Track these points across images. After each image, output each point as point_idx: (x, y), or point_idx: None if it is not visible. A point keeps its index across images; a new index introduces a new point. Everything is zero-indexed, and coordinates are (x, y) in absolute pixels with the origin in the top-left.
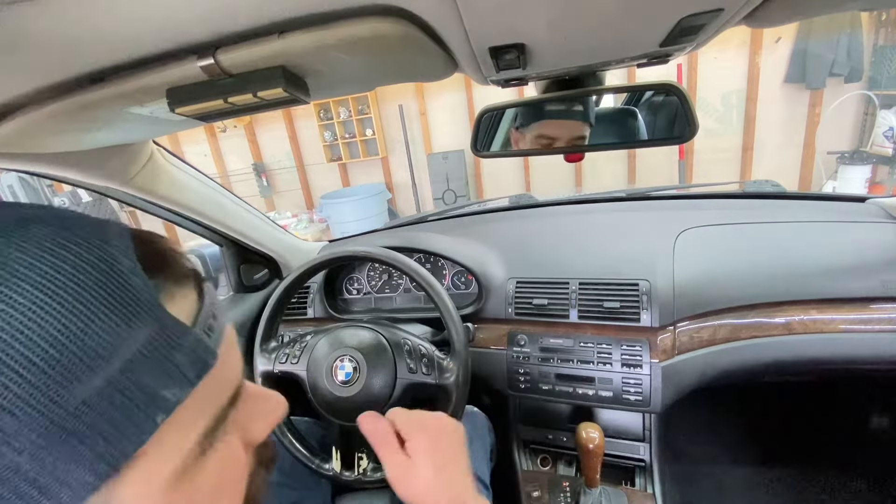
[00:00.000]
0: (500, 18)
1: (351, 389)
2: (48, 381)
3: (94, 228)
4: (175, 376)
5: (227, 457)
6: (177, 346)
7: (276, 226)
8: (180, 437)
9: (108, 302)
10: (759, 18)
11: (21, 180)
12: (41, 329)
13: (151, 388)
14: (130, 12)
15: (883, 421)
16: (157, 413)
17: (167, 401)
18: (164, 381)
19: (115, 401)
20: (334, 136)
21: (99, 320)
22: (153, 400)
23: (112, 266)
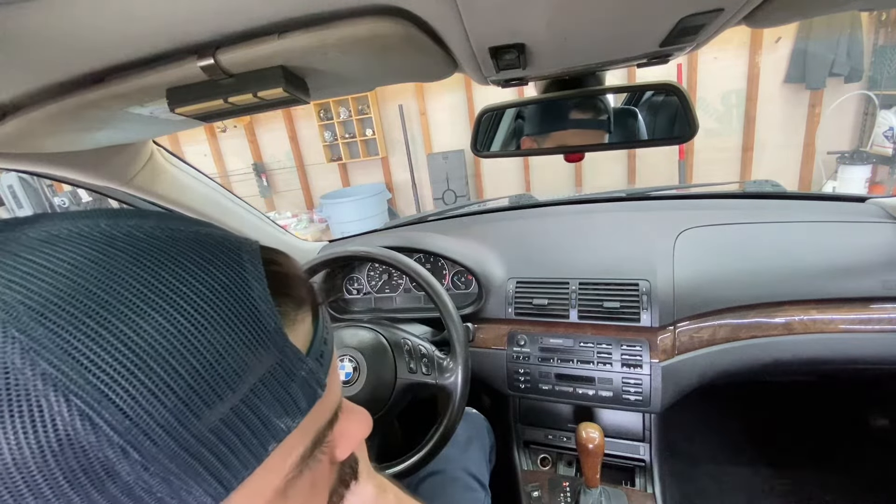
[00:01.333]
0: (500, 18)
1: (351, 389)
2: (183, 409)
3: (230, 247)
4: (289, 406)
5: (317, 475)
6: (294, 376)
7: (276, 226)
8: (283, 460)
9: (239, 329)
10: (759, 18)
11: (21, 180)
12: (181, 355)
13: (267, 416)
14: (130, 12)
15: (883, 421)
16: (269, 442)
17: (280, 430)
18: (278, 410)
19: (236, 428)
20: (334, 136)
21: (231, 348)
22: (268, 429)
23: (244, 291)
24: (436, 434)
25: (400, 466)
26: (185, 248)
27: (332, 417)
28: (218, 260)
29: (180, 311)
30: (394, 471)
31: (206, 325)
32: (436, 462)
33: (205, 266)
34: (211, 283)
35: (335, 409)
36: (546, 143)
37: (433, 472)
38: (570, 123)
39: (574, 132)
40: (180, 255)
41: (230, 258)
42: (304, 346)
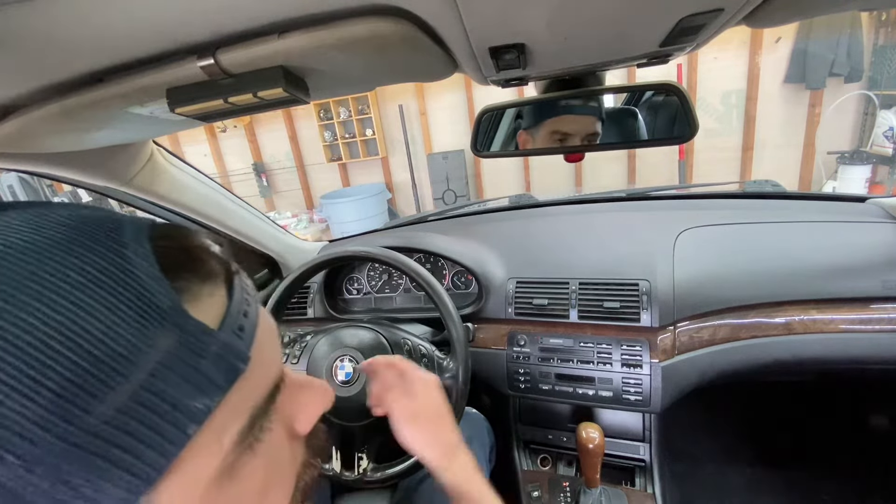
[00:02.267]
0: (499, 18)
1: (351, 389)
2: (64, 404)
3: (109, 228)
4: (203, 385)
5: (272, 451)
6: (203, 353)
7: (276, 226)
8: (215, 441)
9: (123, 311)
10: (759, 18)
11: (21, 180)
12: (48, 348)
13: (178, 398)
14: (130, 12)
15: (883, 421)
16: (187, 425)
17: (197, 411)
18: (190, 391)
19: (140, 416)
20: (334, 136)
21: (115, 333)
22: (181, 412)
23: (126, 271)
24: None
25: (400, 466)
26: (55, 236)
27: (271, 391)
28: (94, 243)
29: (49, 303)
30: (394, 471)
31: (82, 313)
32: None
33: (78, 251)
34: (85, 268)
35: (274, 382)
36: (540, 133)
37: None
38: (563, 109)
39: (570, 118)
40: (49, 245)
41: (109, 238)
42: (215, 321)
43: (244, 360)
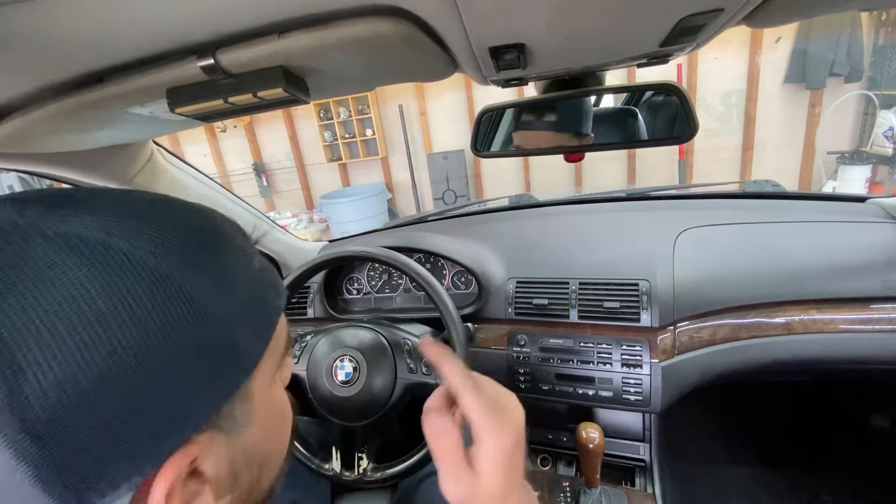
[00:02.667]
0: (499, 18)
1: (351, 389)
2: (235, 278)
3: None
4: (280, 289)
5: (282, 393)
6: (273, 269)
7: (276, 226)
8: (274, 350)
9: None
10: (759, 18)
11: (21, 180)
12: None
13: (271, 293)
14: (130, 13)
15: (883, 421)
16: (275, 314)
17: (279, 306)
18: (275, 290)
19: (260, 295)
20: (334, 136)
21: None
22: (273, 302)
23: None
24: None
25: (400, 466)
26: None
27: (289, 334)
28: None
29: (213, 221)
30: (394, 471)
31: (223, 226)
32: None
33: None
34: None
35: (288, 339)
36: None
37: (434, 471)
38: (519, 126)
39: (524, 133)
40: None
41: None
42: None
43: (286, 293)
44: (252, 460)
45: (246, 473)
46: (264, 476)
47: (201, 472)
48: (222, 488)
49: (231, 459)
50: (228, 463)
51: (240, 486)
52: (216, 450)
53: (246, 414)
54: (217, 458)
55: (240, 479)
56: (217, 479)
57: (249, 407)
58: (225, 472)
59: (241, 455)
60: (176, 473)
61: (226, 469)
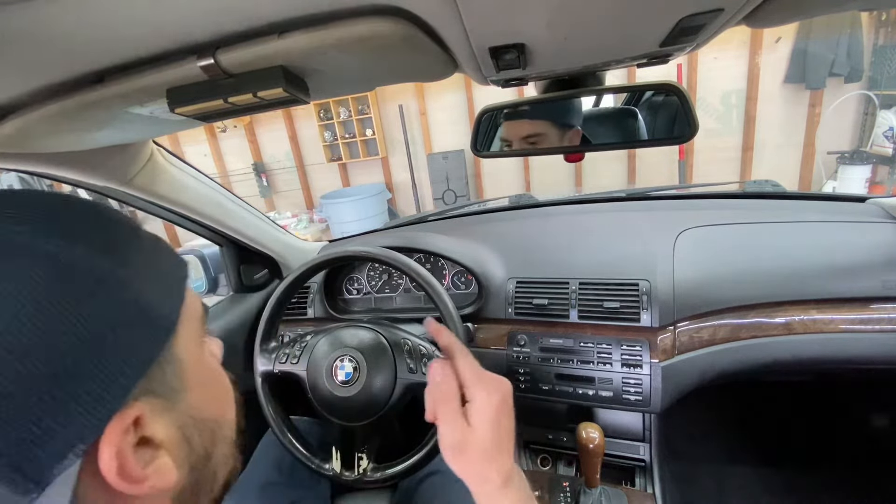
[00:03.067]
0: (499, 18)
1: (351, 389)
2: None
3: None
4: (182, 261)
5: (212, 353)
6: (174, 252)
7: (276, 226)
8: (192, 316)
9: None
10: (759, 18)
11: (21, 180)
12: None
13: (174, 262)
14: (130, 12)
15: (883, 421)
16: (182, 282)
17: (184, 275)
18: (178, 260)
19: (165, 264)
20: (334, 136)
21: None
22: (179, 272)
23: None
24: (436, 434)
25: (400, 466)
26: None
27: (203, 307)
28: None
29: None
30: (394, 471)
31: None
32: (436, 462)
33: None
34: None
35: (202, 302)
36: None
37: (433, 471)
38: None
39: (507, 124)
40: None
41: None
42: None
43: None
44: (202, 425)
45: (198, 438)
46: (217, 446)
47: (150, 437)
48: (179, 454)
49: (179, 424)
50: (177, 428)
51: (195, 451)
52: (159, 415)
53: (178, 378)
54: (162, 422)
55: (193, 445)
56: (170, 444)
57: (180, 371)
58: (176, 437)
59: (189, 420)
60: (118, 437)
61: (176, 434)
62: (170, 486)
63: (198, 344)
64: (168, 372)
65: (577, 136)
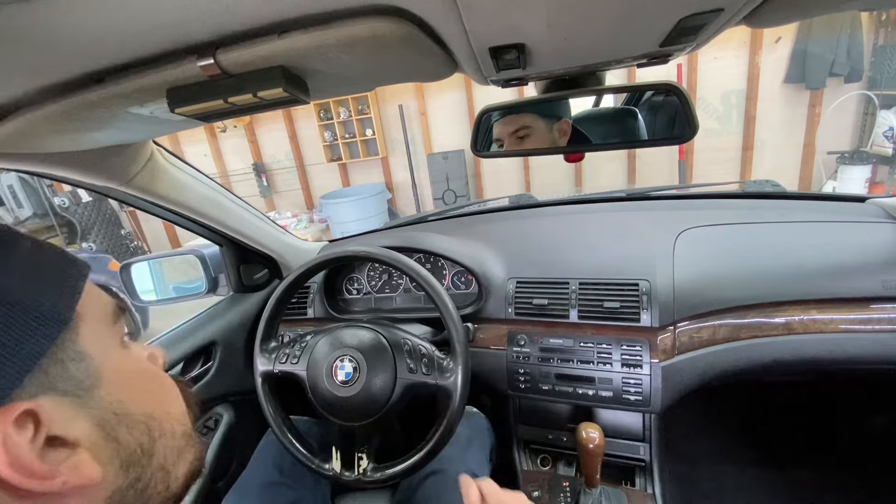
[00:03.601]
0: (500, 18)
1: (351, 389)
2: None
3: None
4: (73, 261)
5: (142, 356)
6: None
7: (276, 226)
8: (100, 316)
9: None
10: (759, 18)
11: (21, 180)
12: None
13: (66, 262)
14: (130, 12)
15: (883, 421)
16: (78, 280)
17: (77, 273)
18: (68, 260)
19: (52, 264)
20: (334, 136)
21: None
22: (72, 269)
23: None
24: (436, 434)
25: (400, 466)
26: None
27: (116, 307)
28: None
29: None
30: (394, 471)
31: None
32: (437, 462)
33: None
34: None
35: (114, 304)
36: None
37: (434, 471)
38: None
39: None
40: None
41: None
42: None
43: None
44: (130, 421)
45: (126, 434)
46: (159, 440)
47: (61, 436)
48: (102, 451)
49: (96, 421)
50: (94, 424)
51: (125, 448)
52: (66, 412)
53: (87, 374)
54: (72, 420)
55: (121, 441)
56: (88, 441)
57: (89, 367)
58: (95, 434)
59: (110, 416)
60: (3, 428)
61: (93, 431)
62: (92, 482)
63: (111, 342)
64: (72, 368)
65: (566, 127)
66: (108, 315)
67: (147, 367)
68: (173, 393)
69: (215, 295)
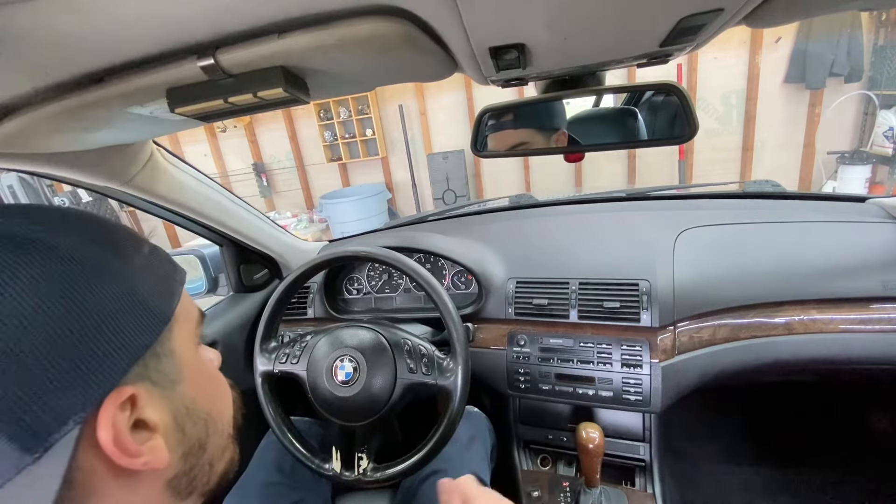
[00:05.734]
0: (500, 18)
1: (351, 389)
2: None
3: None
4: (176, 266)
5: (209, 358)
6: (170, 261)
7: (276, 226)
8: (188, 319)
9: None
10: (759, 18)
11: (21, 180)
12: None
13: (170, 267)
14: (130, 12)
15: (883, 421)
16: (176, 285)
17: (179, 279)
18: (173, 265)
19: (160, 266)
20: (334, 136)
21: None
22: (174, 275)
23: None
24: (436, 434)
25: (400, 466)
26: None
27: (200, 314)
28: None
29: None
30: (394, 471)
31: (112, 223)
32: (437, 461)
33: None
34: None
35: (199, 313)
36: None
37: (435, 471)
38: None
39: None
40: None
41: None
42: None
43: (184, 273)
44: (195, 416)
45: (191, 427)
46: (211, 437)
47: (145, 420)
48: (172, 439)
49: (173, 412)
50: (171, 415)
51: (188, 439)
52: (154, 400)
53: (174, 370)
54: (157, 408)
55: (187, 433)
56: (164, 428)
57: (176, 364)
58: (170, 423)
59: (182, 410)
60: (114, 411)
61: (170, 420)
62: (163, 465)
63: (193, 344)
64: (164, 363)
65: (563, 138)
66: (194, 319)
67: (212, 369)
68: (228, 397)
69: (215, 295)
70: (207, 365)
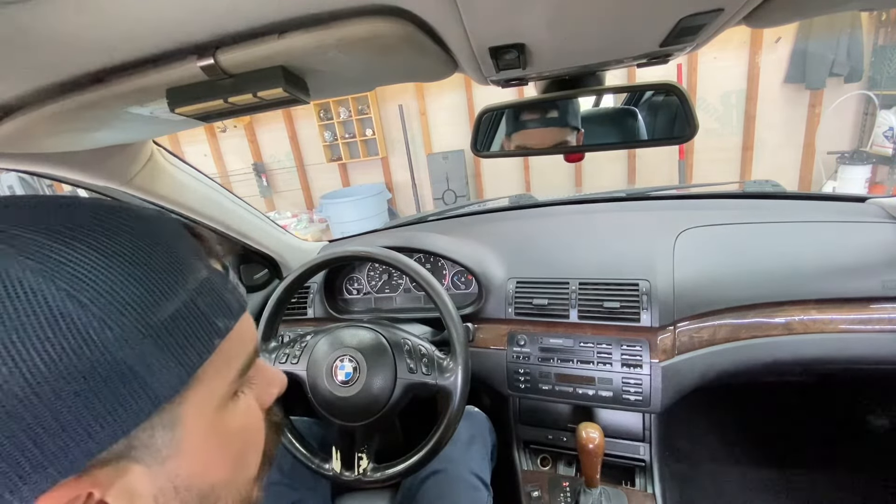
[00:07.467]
0: (499, 18)
1: (351, 389)
2: (147, 296)
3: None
4: (224, 309)
5: (249, 406)
6: (224, 287)
7: (276, 226)
8: (227, 365)
9: (178, 244)
10: (759, 18)
11: (21, 180)
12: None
13: (209, 315)
14: (130, 12)
15: (883, 421)
16: (214, 337)
17: (220, 329)
18: (217, 311)
19: (188, 320)
20: (334, 136)
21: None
22: (212, 326)
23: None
24: (436, 434)
25: (400, 466)
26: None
27: (252, 355)
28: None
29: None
30: (394, 471)
31: (150, 250)
32: (438, 461)
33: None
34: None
35: (254, 347)
36: (513, 143)
37: (435, 471)
38: (524, 125)
39: (531, 132)
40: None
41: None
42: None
43: (245, 301)
44: (186, 495)
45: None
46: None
47: (106, 503)
48: None
49: (153, 492)
50: (149, 496)
51: None
52: (131, 482)
53: (171, 443)
54: (132, 491)
55: None
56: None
57: (176, 436)
58: (142, 503)
59: (169, 488)
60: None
61: (144, 501)
62: None
63: (217, 402)
64: (158, 436)
65: (581, 136)
66: (236, 366)
67: (238, 427)
68: (254, 456)
69: None
70: (233, 422)
